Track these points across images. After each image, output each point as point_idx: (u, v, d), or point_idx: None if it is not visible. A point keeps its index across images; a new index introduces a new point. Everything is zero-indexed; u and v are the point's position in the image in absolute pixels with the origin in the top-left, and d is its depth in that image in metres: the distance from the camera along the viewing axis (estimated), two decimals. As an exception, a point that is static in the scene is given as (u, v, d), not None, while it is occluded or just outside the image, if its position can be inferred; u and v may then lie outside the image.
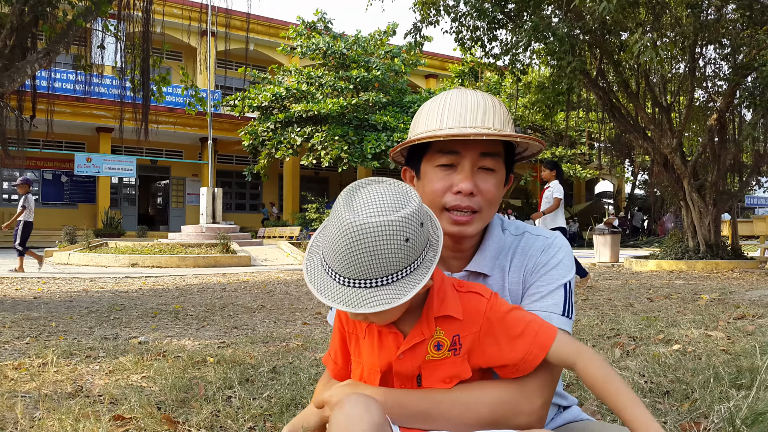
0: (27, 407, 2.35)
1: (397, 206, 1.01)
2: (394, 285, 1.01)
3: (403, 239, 0.99)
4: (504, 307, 1.13)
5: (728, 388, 2.44)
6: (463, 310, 1.12)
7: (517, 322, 1.11)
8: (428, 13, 11.10)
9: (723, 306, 5.37)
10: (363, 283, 1.00)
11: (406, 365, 1.12)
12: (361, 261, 0.99)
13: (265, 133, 22.26)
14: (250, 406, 2.34)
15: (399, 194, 1.04)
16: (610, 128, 15.99)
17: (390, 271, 1.00)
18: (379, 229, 0.98)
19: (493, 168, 1.24)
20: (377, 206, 1.00)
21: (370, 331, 1.16)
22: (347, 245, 0.99)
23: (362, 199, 1.02)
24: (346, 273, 1.01)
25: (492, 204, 1.25)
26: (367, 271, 0.99)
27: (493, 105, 1.24)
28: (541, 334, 1.10)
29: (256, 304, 6.38)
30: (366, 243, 0.98)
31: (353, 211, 1.00)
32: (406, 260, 1.01)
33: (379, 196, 1.02)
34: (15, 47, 7.03)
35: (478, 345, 1.12)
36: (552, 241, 1.30)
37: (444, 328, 1.11)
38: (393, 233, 0.98)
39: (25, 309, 5.83)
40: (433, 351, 1.11)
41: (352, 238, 0.98)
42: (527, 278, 1.28)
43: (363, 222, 0.98)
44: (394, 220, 0.98)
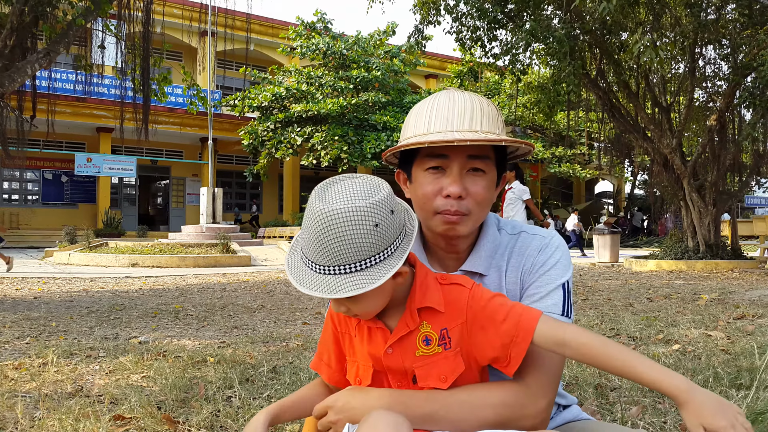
0: (27, 407, 2.35)
1: (366, 195, 1.04)
2: (367, 270, 1.03)
3: (372, 224, 1.02)
4: (486, 294, 1.14)
5: (728, 387, 2.44)
6: (446, 301, 1.13)
7: (499, 308, 1.11)
8: (428, 14, 11.10)
9: (723, 306, 5.37)
10: (337, 269, 1.03)
11: (396, 360, 1.12)
12: (332, 247, 1.02)
13: (265, 133, 22.26)
14: (251, 405, 2.35)
15: (369, 185, 1.07)
16: (609, 128, 16.00)
17: (362, 256, 1.03)
18: (347, 214, 1.01)
19: (482, 169, 1.23)
20: (347, 195, 1.04)
21: (360, 329, 1.17)
22: (319, 232, 1.02)
23: (334, 191, 1.06)
24: (320, 260, 1.04)
25: (482, 206, 1.25)
26: (339, 256, 1.03)
27: (481, 107, 1.23)
28: (524, 316, 1.10)
29: (257, 304, 6.39)
30: (336, 228, 1.01)
31: (324, 201, 1.04)
32: (378, 246, 1.04)
33: (349, 187, 1.06)
34: (15, 47, 7.03)
35: (468, 336, 1.12)
36: (549, 241, 1.30)
37: (430, 321, 1.12)
38: (361, 218, 1.02)
39: (25, 309, 5.83)
40: (422, 346, 1.11)
41: (323, 224, 1.02)
42: (525, 278, 1.28)
43: (332, 209, 1.02)
44: (362, 206, 1.02)
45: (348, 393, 1.14)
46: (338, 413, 1.12)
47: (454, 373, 1.12)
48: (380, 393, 1.12)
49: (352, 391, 1.14)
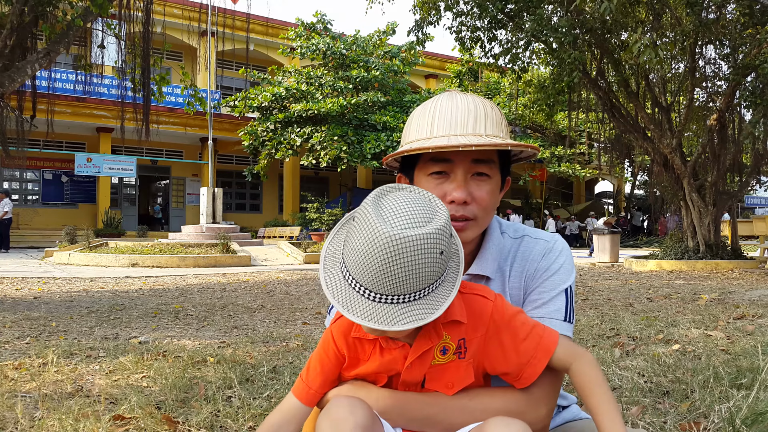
0: (27, 407, 2.35)
1: (429, 217, 0.97)
2: (425, 299, 0.98)
3: (438, 252, 0.95)
4: (510, 310, 1.12)
5: (728, 388, 2.44)
6: (468, 312, 1.10)
7: (521, 327, 1.10)
8: (428, 14, 11.10)
9: (723, 306, 5.37)
10: (395, 298, 0.96)
11: (414, 374, 1.10)
12: (397, 276, 0.94)
13: (265, 133, 22.27)
14: (250, 405, 2.34)
15: (426, 203, 1.01)
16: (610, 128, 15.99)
17: (423, 285, 0.97)
18: (417, 242, 0.93)
19: (487, 174, 1.22)
20: (410, 217, 0.96)
21: (374, 351, 1.12)
22: (384, 259, 0.93)
23: (391, 208, 0.97)
24: (378, 288, 0.96)
25: (487, 211, 1.23)
26: (401, 286, 0.95)
27: (484, 110, 1.21)
28: (545, 338, 1.09)
29: (257, 304, 6.38)
30: (405, 257, 0.93)
31: (386, 221, 0.95)
32: (438, 273, 0.98)
33: (408, 205, 0.98)
34: (15, 47, 7.03)
35: (483, 348, 1.10)
36: (552, 245, 1.29)
37: (450, 332, 1.09)
38: (430, 247, 0.94)
39: (25, 309, 5.83)
40: (438, 355, 1.09)
41: (390, 252, 0.93)
42: (528, 283, 1.27)
43: (401, 236, 0.93)
44: (431, 233, 0.94)
45: (349, 390, 1.13)
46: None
47: (463, 382, 1.11)
48: (380, 393, 1.11)
49: (354, 389, 1.13)
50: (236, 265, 13.58)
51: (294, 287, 8.33)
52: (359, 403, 1.02)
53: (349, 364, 1.16)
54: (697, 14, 9.35)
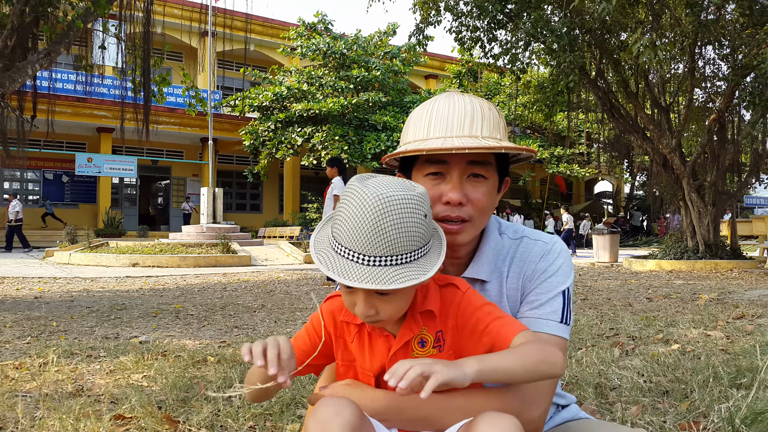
0: (28, 407, 2.35)
1: (412, 187, 1.04)
2: (416, 263, 1.02)
3: (422, 214, 1.02)
4: (477, 302, 1.13)
5: (727, 387, 2.44)
6: (441, 303, 1.12)
7: (483, 318, 1.10)
8: (428, 14, 11.11)
9: (722, 306, 5.38)
10: (389, 260, 1.00)
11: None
12: (388, 233, 0.99)
13: (265, 133, 22.26)
14: (251, 406, 2.35)
15: (405, 181, 1.08)
16: (609, 128, 15.99)
17: (412, 247, 1.02)
18: (404, 201, 1.00)
19: (483, 175, 1.21)
20: (393, 186, 1.02)
21: (360, 335, 1.15)
22: (375, 217, 0.99)
23: (375, 182, 1.04)
24: (371, 251, 1.00)
25: (483, 212, 1.23)
26: (393, 245, 1.00)
27: (482, 111, 1.21)
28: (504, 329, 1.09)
29: (257, 303, 6.39)
30: (394, 214, 0.99)
31: (373, 188, 1.01)
32: (425, 237, 1.04)
33: (388, 179, 1.06)
34: (16, 47, 7.03)
35: (458, 340, 1.12)
36: (551, 247, 1.29)
37: (427, 324, 1.11)
38: (415, 207, 1.01)
39: (26, 309, 5.83)
40: (417, 348, 1.11)
41: (380, 208, 0.98)
42: (526, 284, 1.27)
43: (389, 194, 0.99)
44: (414, 195, 1.02)
45: (344, 391, 1.13)
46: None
47: None
48: (375, 394, 1.12)
49: (349, 389, 1.13)
50: (237, 265, 13.58)
51: (294, 287, 8.33)
52: (347, 402, 1.02)
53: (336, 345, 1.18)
54: (696, 15, 9.35)
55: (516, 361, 1.01)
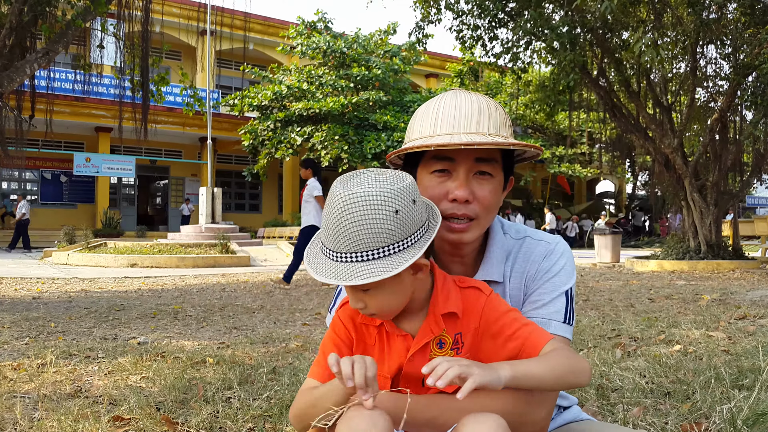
0: (26, 408, 2.34)
1: (389, 182, 1.03)
2: (386, 259, 1.01)
3: (392, 210, 1.00)
4: (502, 307, 1.13)
5: (729, 388, 2.43)
6: (464, 306, 1.12)
7: (510, 324, 1.11)
8: (429, 12, 11.10)
9: (724, 306, 5.36)
10: (354, 256, 1.01)
11: (416, 366, 1.11)
12: (351, 231, 1.00)
13: (264, 132, 22.24)
14: (250, 407, 2.34)
15: (392, 175, 1.06)
16: (611, 128, 15.98)
17: (381, 243, 1.01)
18: (367, 197, 1.00)
19: (489, 173, 1.21)
20: (369, 182, 1.03)
21: (380, 337, 1.15)
22: (338, 216, 1.01)
23: (357, 180, 1.05)
24: (338, 247, 1.02)
25: (489, 210, 1.23)
26: (357, 242, 1.01)
27: (488, 109, 1.21)
28: (531, 338, 1.09)
29: (256, 304, 6.37)
30: (355, 211, 1.00)
31: (346, 187, 1.03)
32: (398, 234, 1.01)
33: (372, 176, 1.05)
34: (14, 47, 7.02)
35: (478, 343, 1.12)
36: (554, 247, 1.29)
37: (447, 325, 1.11)
38: (382, 202, 1.00)
39: (24, 309, 5.82)
40: (435, 349, 1.11)
41: (342, 208, 1.01)
42: (529, 284, 1.27)
43: (353, 192, 1.00)
44: (383, 191, 1.01)
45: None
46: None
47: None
48: (381, 396, 1.11)
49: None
50: (235, 266, 13.57)
51: (293, 288, 8.32)
52: (380, 413, 1.01)
53: (357, 348, 1.18)
54: (698, 14, 9.34)
55: (547, 369, 1.02)
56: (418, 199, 1.07)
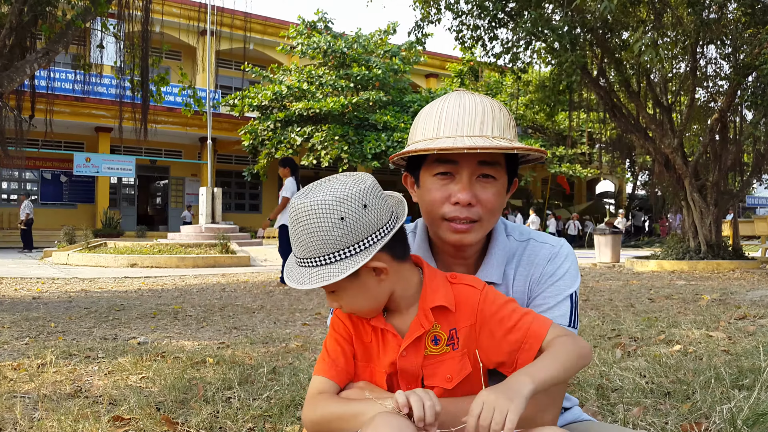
0: (26, 408, 2.34)
1: (339, 189, 1.06)
2: (338, 263, 1.05)
3: (337, 217, 1.04)
4: (498, 300, 1.13)
5: (729, 388, 2.43)
6: (457, 301, 1.13)
7: (510, 315, 1.11)
8: (428, 12, 11.09)
9: (724, 306, 5.36)
10: (310, 261, 1.07)
11: (410, 361, 1.12)
12: (302, 239, 1.07)
13: (264, 132, 22.24)
14: (250, 407, 2.34)
15: (348, 180, 1.09)
16: (611, 128, 15.98)
17: (329, 249, 1.05)
18: (313, 207, 1.05)
19: (493, 176, 1.21)
20: (321, 191, 1.07)
21: (375, 334, 1.16)
22: (294, 225, 1.08)
23: (314, 189, 1.10)
24: (298, 253, 1.10)
25: (492, 213, 1.22)
26: (309, 248, 1.07)
27: (492, 111, 1.20)
28: (534, 325, 1.11)
29: (256, 304, 6.37)
30: (303, 221, 1.06)
31: (302, 197, 1.08)
32: (347, 239, 1.05)
33: (328, 184, 1.09)
34: (14, 47, 7.02)
35: (475, 339, 1.12)
36: (558, 250, 1.29)
37: (440, 321, 1.12)
38: (326, 211, 1.04)
39: (24, 309, 5.82)
40: (430, 345, 1.12)
41: (296, 217, 1.07)
42: (533, 288, 1.26)
43: (301, 203, 1.06)
44: (328, 199, 1.05)
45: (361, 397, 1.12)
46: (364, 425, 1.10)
47: (460, 374, 1.12)
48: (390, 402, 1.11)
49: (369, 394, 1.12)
50: (235, 266, 13.57)
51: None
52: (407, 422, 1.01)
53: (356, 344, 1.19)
54: (698, 14, 9.34)
55: (559, 366, 1.04)
56: (374, 203, 1.07)
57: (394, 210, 1.13)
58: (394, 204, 1.15)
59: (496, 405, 0.94)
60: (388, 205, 1.11)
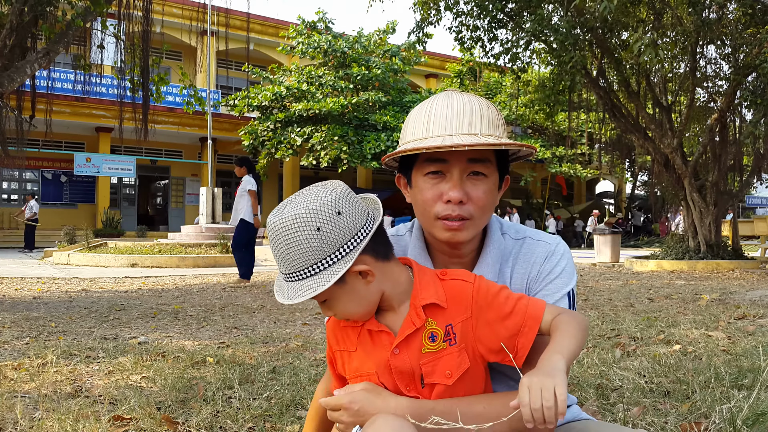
0: (26, 407, 2.34)
1: (311, 200, 1.07)
2: (322, 273, 1.07)
3: (313, 228, 1.05)
4: (492, 289, 1.15)
5: (729, 388, 2.43)
6: (449, 297, 1.13)
7: (505, 302, 1.13)
8: (428, 13, 11.10)
9: (723, 306, 5.37)
10: (294, 275, 1.09)
11: (403, 360, 1.12)
12: (283, 255, 1.08)
13: (265, 133, 22.25)
14: (250, 406, 2.34)
15: (320, 191, 1.10)
16: (611, 128, 15.99)
17: (311, 261, 1.07)
18: (287, 222, 1.06)
19: (483, 173, 1.21)
20: (294, 205, 1.08)
21: (362, 340, 1.17)
22: (273, 242, 1.09)
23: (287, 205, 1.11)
24: (282, 269, 1.11)
25: (484, 210, 1.23)
26: (291, 263, 1.08)
27: (480, 109, 1.21)
28: (530, 307, 1.13)
29: (256, 304, 6.38)
30: (279, 237, 1.07)
31: (277, 214, 1.09)
32: (327, 248, 1.06)
33: (300, 198, 1.10)
34: (14, 47, 7.02)
35: (472, 332, 1.13)
36: (554, 248, 1.29)
37: (435, 318, 1.12)
38: (301, 224, 1.05)
39: (24, 309, 5.82)
40: (428, 343, 1.12)
41: (274, 234, 1.08)
42: (531, 286, 1.27)
43: (275, 220, 1.07)
44: (301, 213, 1.06)
45: (365, 398, 1.11)
46: (352, 417, 1.10)
47: (459, 368, 1.13)
48: (398, 403, 1.11)
49: (369, 397, 1.12)
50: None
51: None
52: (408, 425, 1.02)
53: (343, 361, 1.20)
54: (698, 14, 9.34)
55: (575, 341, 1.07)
56: (347, 208, 1.09)
57: (369, 212, 1.14)
58: (370, 206, 1.16)
59: (542, 385, 0.96)
60: (363, 208, 1.13)
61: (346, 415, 1.10)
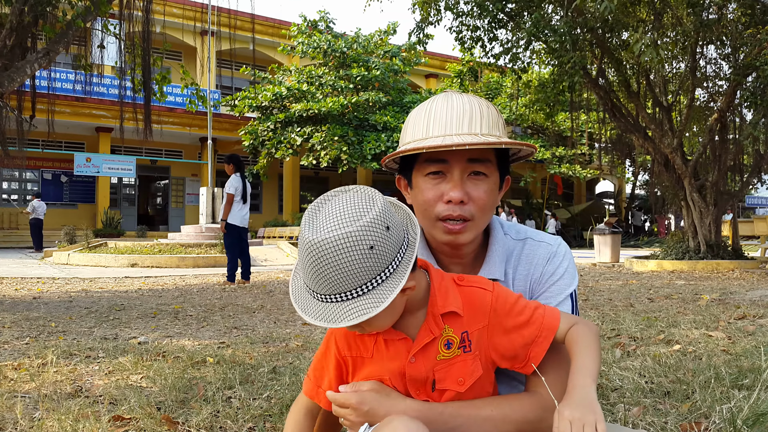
0: (26, 407, 2.34)
1: (358, 215, 0.98)
2: (371, 293, 0.99)
3: (366, 247, 0.97)
4: (510, 298, 1.14)
5: (729, 388, 2.43)
6: (467, 304, 1.12)
7: (523, 310, 1.13)
8: (428, 13, 11.09)
9: (724, 306, 5.36)
10: (338, 297, 0.99)
11: (419, 368, 1.11)
12: (329, 276, 0.98)
13: (265, 133, 22.25)
14: (250, 406, 2.34)
15: (360, 202, 1.01)
16: (611, 128, 15.98)
17: (362, 281, 0.98)
18: (338, 242, 0.96)
19: (484, 173, 1.21)
20: (336, 220, 0.98)
21: (378, 347, 1.14)
22: (312, 263, 0.98)
23: (324, 215, 1.00)
24: (320, 289, 1.00)
25: (485, 210, 1.23)
26: (337, 285, 0.98)
27: (480, 109, 1.21)
28: (547, 317, 1.13)
29: (256, 304, 6.38)
30: (328, 258, 0.96)
31: (313, 229, 0.99)
32: (377, 267, 0.99)
33: (339, 208, 1.00)
34: (15, 47, 7.02)
35: (487, 339, 1.12)
36: (556, 249, 1.30)
37: (452, 325, 1.11)
38: (353, 244, 0.96)
39: (24, 309, 5.82)
40: (443, 350, 1.11)
41: (315, 255, 0.97)
42: (534, 288, 1.28)
43: (322, 239, 0.97)
44: (353, 231, 0.97)
45: (375, 399, 1.10)
46: (360, 417, 1.10)
47: (472, 376, 1.12)
48: (407, 405, 1.10)
49: (379, 398, 1.10)
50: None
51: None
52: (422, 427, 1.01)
53: (354, 366, 1.16)
54: (698, 14, 9.34)
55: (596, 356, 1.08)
56: (393, 221, 1.03)
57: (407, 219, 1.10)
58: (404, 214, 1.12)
59: (584, 421, 0.97)
60: (400, 219, 1.08)
61: (354, 415, 1.10)
